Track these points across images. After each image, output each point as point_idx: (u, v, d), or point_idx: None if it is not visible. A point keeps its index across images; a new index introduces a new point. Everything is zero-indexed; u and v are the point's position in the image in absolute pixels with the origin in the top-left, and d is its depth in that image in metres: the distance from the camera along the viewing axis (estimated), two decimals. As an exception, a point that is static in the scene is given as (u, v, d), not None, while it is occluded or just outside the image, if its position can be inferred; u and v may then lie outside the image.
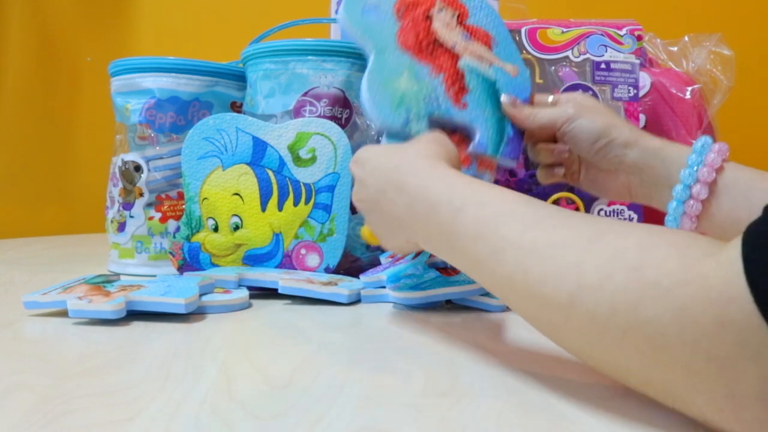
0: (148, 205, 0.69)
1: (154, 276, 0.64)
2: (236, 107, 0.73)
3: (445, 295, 0.52)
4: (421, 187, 0.39)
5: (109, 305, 0.45)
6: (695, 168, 0.46)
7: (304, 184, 0.62)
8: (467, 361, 0.39)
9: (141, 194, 0.69)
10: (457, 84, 0.52)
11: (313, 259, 0.62)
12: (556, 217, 0.32)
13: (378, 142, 0.60)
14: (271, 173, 0.62)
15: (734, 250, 0.25)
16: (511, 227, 0.33)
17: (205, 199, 0.63)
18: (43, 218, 1.15)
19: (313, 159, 0.62)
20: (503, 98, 0.53)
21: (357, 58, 0.65)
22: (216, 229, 0.63)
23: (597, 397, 0.33)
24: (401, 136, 0.49)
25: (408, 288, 0.52)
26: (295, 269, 0.62)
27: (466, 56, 0.53)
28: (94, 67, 1.14)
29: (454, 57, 0.53)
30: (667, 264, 0.26)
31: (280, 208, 0.62)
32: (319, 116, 0.65)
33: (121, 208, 0.70)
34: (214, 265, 0.62)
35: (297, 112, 0.65)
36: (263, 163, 0.62)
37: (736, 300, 0.24)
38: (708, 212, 0.46)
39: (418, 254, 0.55)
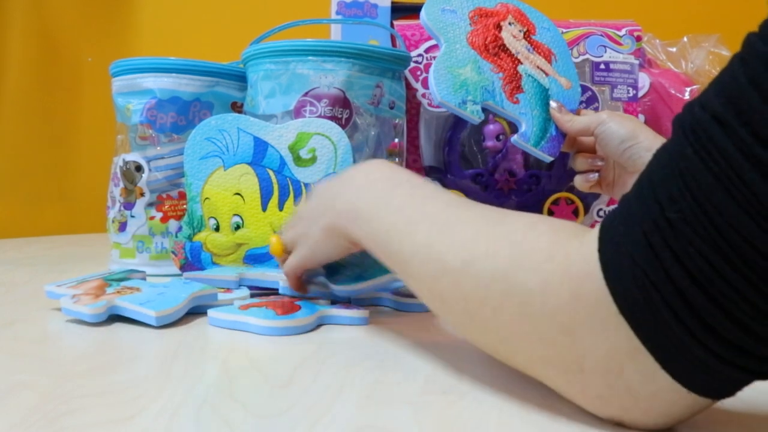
0: (149, 204, 0.69)
1: (167, 276, 0.64)
2: (237, 107, 0.73)
3: (390, 283, 0.49)
4: (358, 170, 0.44)
5: (88, 308, 0.45)
6: None
7: (305, 184, 0.62)
8: (467, 360, 0.39)
9: (142, 194, 0.69)
10: (514, 83, 0.58)
11: None
12: (471, 204, 0.36)
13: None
14: (271, 173, 0.62)
15: (595, 232, 0.28)
16: (434, 204, 0.37)
17: (206, 198, 0.63)
18: (44, 218, 1.15)
19: (314, 159, 0.62)
20: (552, 103, 0.60)
21: (357, 59, 0.65)
22: (217, 229, 0.63)
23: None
24: (456, 111, 0.56)
25: (351, 281, 0.49)
26: None
27: (527, 64, 0.60)
28: (95, 68, 1.14)
29: (516, 62, 0.59)
30: (540, 241, 0.30)
31: (281, 207, 0.62)
32: (320, 116, 0.65)
33: (122, 208, 0.70)
34: (215, 264, 0.63)
35: (297, 113, 0.65)
36: (264, 163, 0.63)
37: (591, 276, 0.27)
38: None
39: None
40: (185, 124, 0.70)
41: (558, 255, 0.28)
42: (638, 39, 0.74)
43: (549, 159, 0.60)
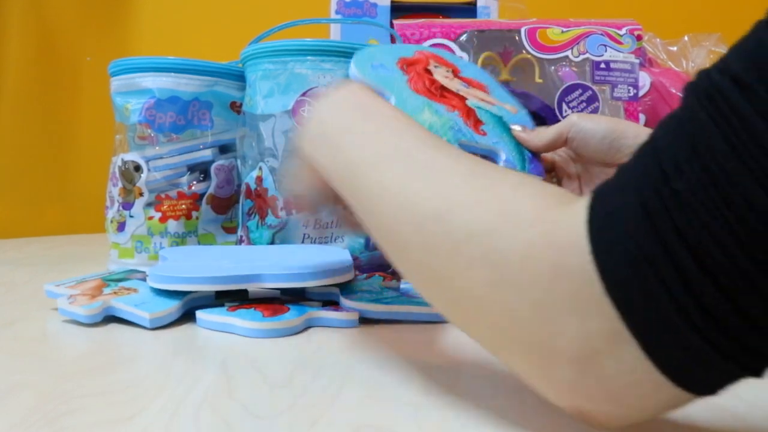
0: (148, 204, 0.69)
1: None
2: (236, 107, 0.73)
3: (408, 314, 0.48)
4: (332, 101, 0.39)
5: (84, 309, 0.45)
6: None
7: None
8: (467, 360, 0.39)
9: (141, 194, 0.69)
10: (472, 118, 0.57)
11: None
12: (455, 149, 0.33)
13: None
14: None
15: (585, 200, 0.25)
16: (412, 141, 0.33)
17: None
18: (43, 218, 1.15)
19: None
20: (512, 127, 0.57)
21: (356, 58, 0.65)
22: None
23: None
24: None
25: (367, 300, 0.49)
26: None
27: (471, 98, 0.58)
28: (94, 67, 1.14)
29: (462, 99, 0.58)
30: (527, 204, 0.27)
31: None
32: (319, 116, 0.65)
33: (120, 208, 0.70)
34: None
35: (296, 112, 0.65)
36: None
37: (576, 247, 0.23)
38: None
39: (370, 276, 0.56)
40: (184, 123, 0.69)
41: (543, 221, 0.25)
42: (639, 38, 0.74)
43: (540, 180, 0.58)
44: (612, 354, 0.23)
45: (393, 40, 0.76)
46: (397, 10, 0.87)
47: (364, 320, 0.48)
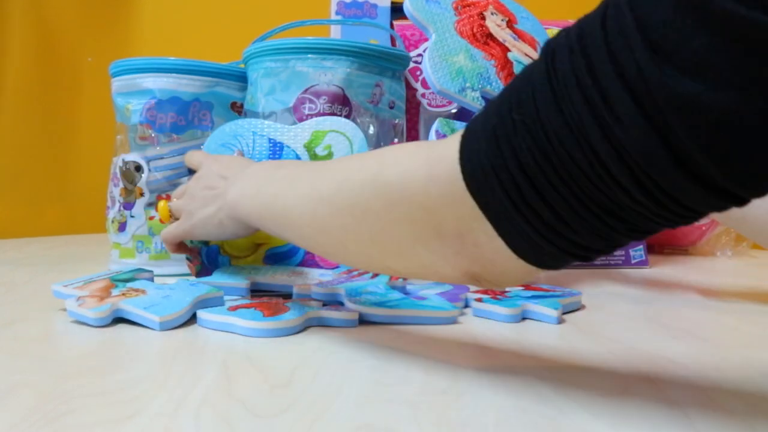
0: (149, 205, 0.69)
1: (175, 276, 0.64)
2: (237, 108, 0.73)
3: (413, 318, 0.47)
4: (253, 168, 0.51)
5: (92, 312, 0.45)
6: None
7: None
8: (466, 360, 0.39)
9: (142, 194, 0.69)
10: (507, 70, 0.59)
11: None
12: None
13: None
14: None
15: (463, 127, 0.32)
16: (317, 165, 0.43)
17: None
18: (44, 218, 1.15)
19: (330, 155, 0.62)
20: None
21: (356, 57, 0.65)
22: None
23: (595, 395, 0.33)
24: (457, 99, 0.57)
25: (371, 304, 0.48)
26: (319, 266, 0.61)
27: (515, 51, 0.60)
28: (95, 68, 1.14)
29: (504, 49, 0.60)
30: (405, 149, 0.36)
31: None
32: (319, 113, 0.65)
33: (121, 208, 0.70)
34: (234, 267, 0.62)
35: (297, 110, 0.65)
36: None
37: (445, 160, 0.31)
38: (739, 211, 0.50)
39: (376, 275, 0.56)
40: (185, 124, 0.70)
41: (419, 151, 0.34)
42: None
43: None
44: (480, 229, 0.31)
45: (393, 41, 0.76)
46: (397, 11, 0.87)
47: (365, 320, 0.48)
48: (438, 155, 0.32)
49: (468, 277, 0.34)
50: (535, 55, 0.61)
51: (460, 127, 0.55)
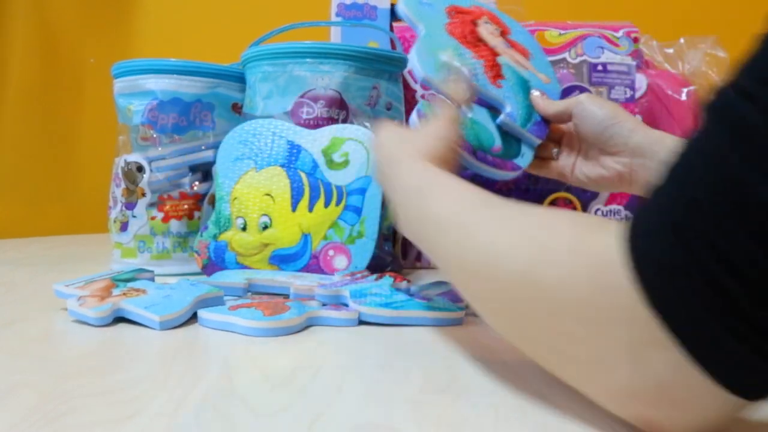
0: (151, 205, 0.69)
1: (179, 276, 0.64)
2: (238, 108, 0.73)
3: (419, 320, 0.48)
4: (403, 179, 0.45)
5: (93, 312, 0.45)
6: None
7: (336, 187, 0.62)
8: (465, 359, 0.39)
9: (143, 194, 0.69)
10: (495, 70, 0.58)
11: (340, 261, 0.62)
12: (492, 202, 0.37)
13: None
14: (303, 175, 0.63)
15: (621, 223, 0.27)
16: (459, 207, 0.38)
17: (235, 198, 0.63)
18: (46, 218, 1.15)
19: (346, 162, 0.63)
20: (533, 91, 0.59)
21: (354, 61, 0.66)
22: (244, 229, 0.63)
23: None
24: (440, 90, 0.54)
25: (376, 305, 0.48)
26: (322, 271, 0.62)
27: (505, 56, 0.59)
28: (97, 69, 1.14)
29: (494, 53, 0.59)
30: (561, 235, 0.29)
31: (311, 209, 0.62)
32: (316, 117, 0.65)
33: (123, 208, 0.70)
34: (239, 264, 0.63)
35: (294, 114, 0.66)
36: (296, 166, 0.63)
37: (614, 265, 0.25)
38: None
39: (380, 277, 0.56)
40: (186, 125, 0.70)
41: (579, 247, 0.28)
42: (635, 40, 0.74)
43: (537, 141, 0.58)
44: (661, 358, 0.24)
45: (393, 43, 0.76)
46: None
47: (370, 321, 0.48)
48: (603, 260, 0.26)
49: (638, 419, 0.27)
50: (528, 65, 0.61)
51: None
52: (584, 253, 0.27)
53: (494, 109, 0.57)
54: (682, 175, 0.25)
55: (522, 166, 0.57)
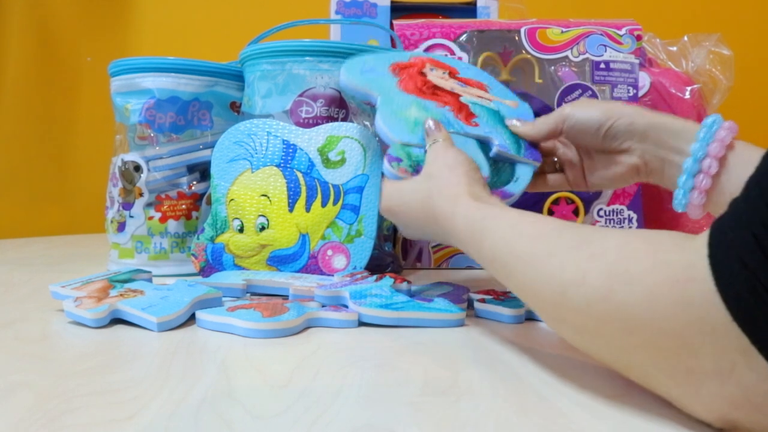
0: (148, 205, 0.69)
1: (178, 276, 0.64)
2: (236, 107, 0.73)
3: (421, 321, 0.47)
4: (449, 223, 0.45)
5: (90, 313, 0.45)
6: (706, 142, 0.45)
7: (333, 186, 0.62)
8: (466, 360, 0.39)
9: (141, 194, 0.69)
10: (464, 111, 0.56)
11: (339, 261, 0.61)
12: (555, 230, 0.36)
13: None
14: (299, 175, 0.62)
15: (701, 239, 0.27)
16: (515, 245, 0.37)
17: (231, 200, 0.63)
18: (43, 218, 1.15)
19: (343, 161, 0.62)
20: (507, 121, 0.57)
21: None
22: (241, 230, 0.63)
23: (596, 396, 0.33)
24: (422, 150, 0.52)
25: (376, 306, 0.48)
26: (321, 272, 0.61)
27: (467, 96, 0.58)
28: (94, 67, 1.14)
29: (456, 96, 0.57)
30: (638, 255, 0.30)
31: (308, 209, 0.62)
32: (316, 116, 0.65)
33: (120, 208, 0.70)
34: (237, 266, 0.62)
35: (294, 113, 0.65)
36: (292, 165, 0.63)
37: (696, 281, 0.26)
38: (717, 188, 0.45)
39: (381, 277, 0.55)
40: (184, 123, 0.70)
41: (658, 265, 0.28)
42: (638, 38, 0.74)
43: (537, 164, 0.56)
44: (747, 365, 0.26)
45: (393, 41, 0.76)
46: (397, 11, 0.87)
47: (370, 323, 0.48)
48: (686, 276, 0.27)
49: (724, 422, 0.28)
50: (490, 96, 0.59)
51: (418, 153, 0.51)
52: (665, 269, 0.28)
53: (482, 142, 0.55)
54: (763, 188, 0.25)
55: (515, 191, 0.54)
